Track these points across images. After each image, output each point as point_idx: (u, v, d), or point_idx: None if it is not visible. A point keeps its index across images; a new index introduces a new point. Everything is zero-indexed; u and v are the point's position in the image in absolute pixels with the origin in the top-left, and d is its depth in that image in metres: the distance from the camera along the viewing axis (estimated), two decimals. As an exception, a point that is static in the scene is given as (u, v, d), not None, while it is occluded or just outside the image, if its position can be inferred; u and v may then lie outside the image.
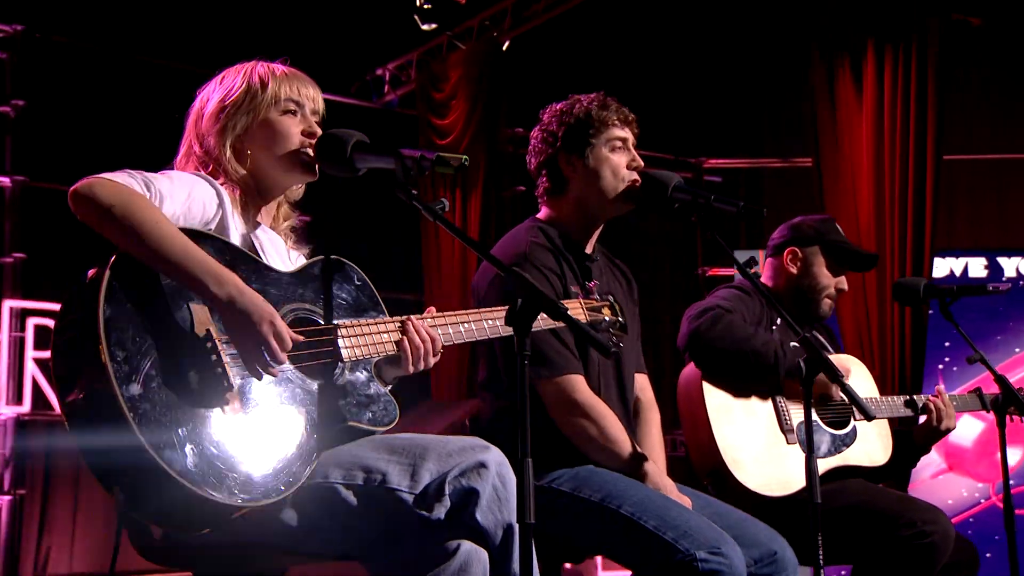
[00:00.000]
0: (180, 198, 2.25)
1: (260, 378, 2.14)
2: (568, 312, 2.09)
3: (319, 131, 2.45)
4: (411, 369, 2.43)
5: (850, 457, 3.57)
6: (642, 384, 3.26)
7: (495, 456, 2.23)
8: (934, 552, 3.28)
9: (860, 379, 3.74)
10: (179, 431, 2.00)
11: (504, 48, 7.18)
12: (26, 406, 6.57)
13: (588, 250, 3.14)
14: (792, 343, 3.67)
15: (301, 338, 2.19)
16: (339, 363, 2.29)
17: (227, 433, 2.08)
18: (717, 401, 3.42)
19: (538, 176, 3.17)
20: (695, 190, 2.98)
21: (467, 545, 2.19)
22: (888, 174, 5.69)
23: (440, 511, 2.17)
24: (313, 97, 2.51)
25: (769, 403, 3.50)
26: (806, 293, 3.74)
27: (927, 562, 3.28)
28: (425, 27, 7.14)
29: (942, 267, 7.13)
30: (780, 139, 8.50)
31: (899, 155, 5.66)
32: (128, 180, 2.17)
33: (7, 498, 6.47)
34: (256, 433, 2.11)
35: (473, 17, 7.22)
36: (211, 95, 2.48)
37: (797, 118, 6.79)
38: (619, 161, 3.07)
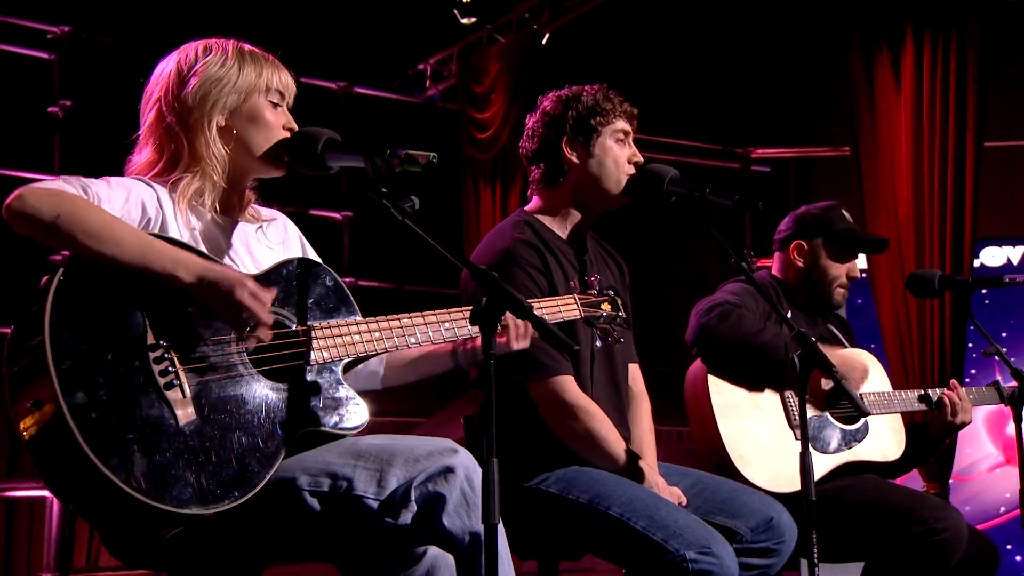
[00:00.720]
0: (118, 201, 2.18)
1: (250, 340, 2.12)
2: (532, 310, 2.05)
3: (296, 127, 2.35)
4: (515, 344, 2.52)
5: (861, 452, 3.47)
6: (634, 374, 3.18)
7: (463, 460, 2.16)
8: (946, 549, 3.17)
9: (872, 374, 3.61)
10: (127, 439, 1.96)
11: (544, 41, 7.06)
12: None
13: (581, 240, 3.05)
14: (788, 315, 3.57)
15: (274, 291, 2.16)
16: (307, 365, 2.24)
17: (178, 441, 2.03)
18: (723, 397, 3.33)
19: (534, 163, 3.07)
20: (691, 184, 2.88)
21: (433, 550, 2.18)
22: (927, 163, 5.48)
23: (406, 517, 2.12)
24: (292, 90, 2.41)
25: (777, 398, 3.41)
26: (816, 285, 3.63)
27: (939, 560, 3.18)
28: (465, 21, 7.08)
29: (999, 256, 6.90)
30: (830, 128, 8.30)
31: (938, 143, 5.45)
32: (62, 186, 2.10)
33: (55, 491, 6.50)
34: (210, 440, 2.06)
35: (512, 11, 7.13)
36: (195, 65, 2.32)
37: (846, 106, 6.61)
38: (622, 153, 3.00)
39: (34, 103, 6.67)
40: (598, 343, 2.87)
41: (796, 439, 3.35)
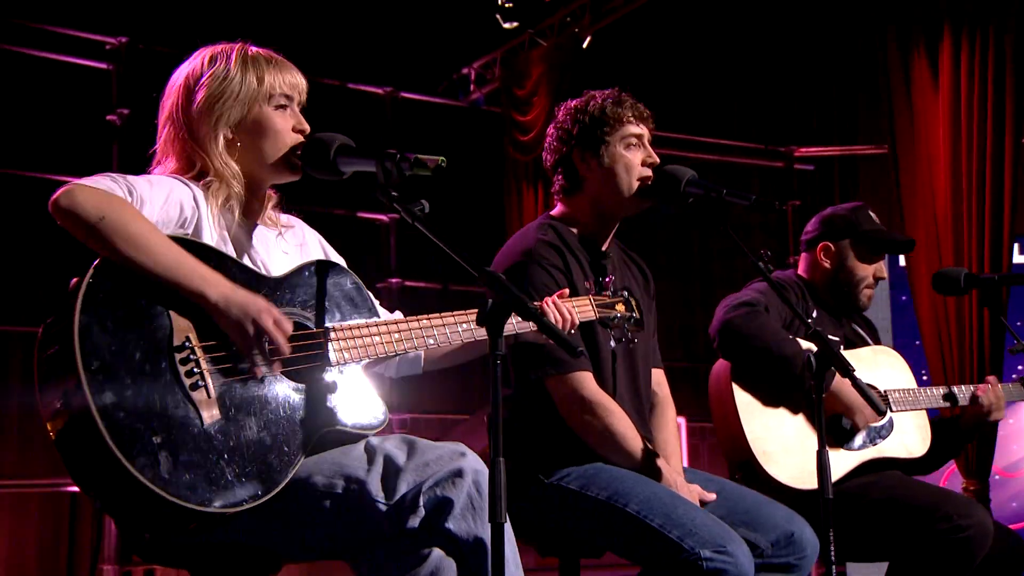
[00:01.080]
0: (159, 202, 2.19)
1: (263, 374, 2.14)
2: (537, 311, 2.06)
3: (307, 127, 2.36)
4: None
5: (885, 449, 3.46)
6: (658, 379, 3.19)
7: (471, 463, 2.18)
8: (971, 546, 3.14)
9: (896, 371, 3.62)
10: (153, 439, 1.98)
11: (585, 44, 7.08)
12: None
13: (603, 247, 3.07)
14: (829, 337, 3.55)
15: (290, 329, 2.16)
16: (327, 367, 2.25)
17: (203, 440, 2.05)
18: (746, 394, 3.35)
19: (554, 174, 3.09)
20: (708, 184, 2.90)
21: (437, 553, 2.16)
22: (965, 160, 5.41)
23: (414, 521, 2.13)
24: (301, 87, 2.40)
25: (801, 395, 3.39)
26: (843, 286, 3.63)
27: (964, 557, 3.15)
28: (507, 26, 7.11)
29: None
30: (874, 125, 8.22)
31: (976, 141, 5.37)
32: (111, 186, 2.11)
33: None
34: (234, 440, 2.08)
35: (554, 15, 7.15)
36: (201, 79, 2.33)
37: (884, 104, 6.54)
38: (634, 158, 2.99)
39: (93, 112, 6.78)
40: (612, 343, 2.87)
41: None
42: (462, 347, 2.60)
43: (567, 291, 2.66)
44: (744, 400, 3.32)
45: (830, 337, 3.55)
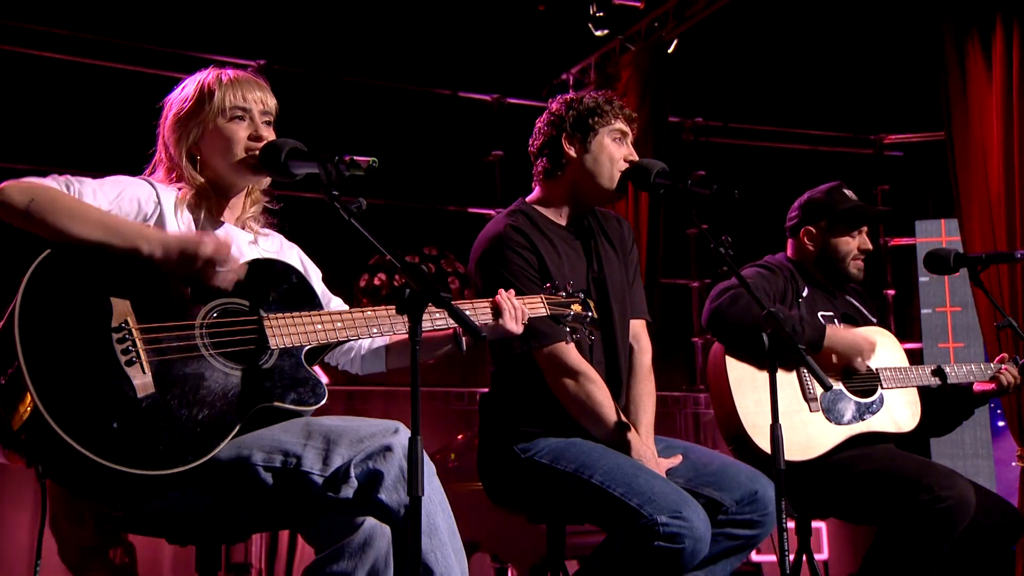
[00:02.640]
0: (107, 197, 2.28)
1: (229, 282, 2.19)
2: (450, 300, 2.06)
3: (266, 134, 2.44)
4: (509, 323, 2.61)
5: (874, 424, 3.48)
6: (636, 331, 3.19)
7: (402, 440, 2.20)
8: (951, 516, 3.14)
9: (889, 350, 3.64)
10: (87, 411, 2.03)
11: (672, 47, 7.11)
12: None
13: (576, 227, 3.11)
14: (821, 313, 3.60)
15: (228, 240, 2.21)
16: (267, 350, 2.28)
17: (136, 411, 2.08)
18: (739, 372, 3.42)
19: (538, 157, 3.12)
20: (675, 176, 2.94)
21: (371, 521, 2.18)
22: (1018, 145, 5.29)
23: (348, 491, 2.16)
24: (260, 99, 2.47)
25: (793, 373, 3.46)
26: (831, 264, 3.66)
27: (945, 526, 3.15)
28: (598, 33, 7.21)
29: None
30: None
31: (1030, 126, 5.25)
32: (48, 182, 2.20)
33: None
34: (167, 411, 2.11)
35: (640, 20, 7.23)
36: (173, 104, 2.48)
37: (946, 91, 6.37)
38: (618, 151, 3.03)
39: None
40: (568, 340, 2.86)
41: (811, 411, 3.42)
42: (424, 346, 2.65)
43: (513, 292, 2.68)
44: (736, 378, 3.40)
45: (821, 313, 3.61)
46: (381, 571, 2.16)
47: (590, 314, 2.81)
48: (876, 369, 3.53)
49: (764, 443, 3.26)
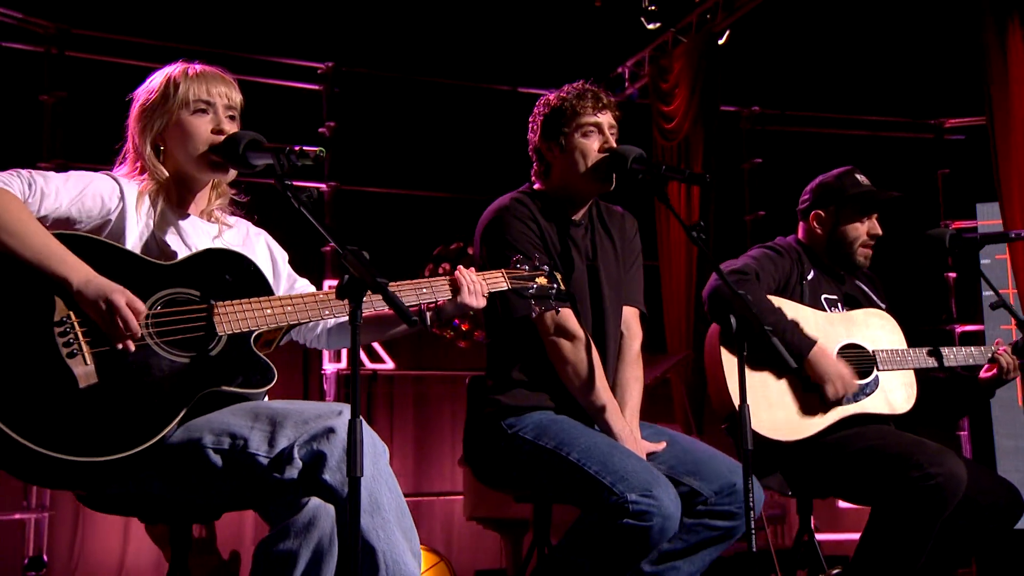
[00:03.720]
0: (69, 195, 2.27)
1: (120, 348, 2.14)
2: (386, 286, 2.05)
3: (228, 128, 2.41)
4: (467, 297, 2.56)
5: (868, 406, 3.34)
6: (627, 317, 3.13)
7: (345, 421, 2.10)
8: (942, 493, 3.01)
9: (887, 332, 3.49)
10: (28, 403, 2.02)
11: (724, 39, 6.94)
12: (343, 362, 7.08)
13: (575, 217, 3.07)
14: (825, 296, 3.48)
15: (144, 308, 2.17)
16: (215, 336, 2.26)
17: (78, 401, 2.07)
18: (733, 354, 3.28)
19: (532, 160, 3.12)
20: (649, 162, 2.89)
21: (315, 501, 2.15)
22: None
23: (292, 472, 2.12)
24: (225, 94, 2.44)
25: None
26: (839, 248, 3.52)
27: (936, 503, 3.02)
28: (650, 27, 7.08)
29: None
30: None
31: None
32: (9, 179, 2.19)
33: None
34: (109, 400, 2.10)
35: (691, 13, 7.07)
36: (139, 96, 2.45)
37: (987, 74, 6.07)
38: (589, 145, 2.97)
39: (307, 125, 7.25)
40: (533, 313, 2.81)
41: (804, 391, 3.28)
42: (375, 325, 2.67)
43: (473, 269, 2.66)
44: (730, 358, 3.29)
45: (825, 296, 3.48)
46: (326, 549, 2.13)
47: (556, 286, 2.74)
48: (873, 351, 3.39)
49: (756, 424, 3.15)
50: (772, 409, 3.26)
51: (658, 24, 7.08)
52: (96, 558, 6.55)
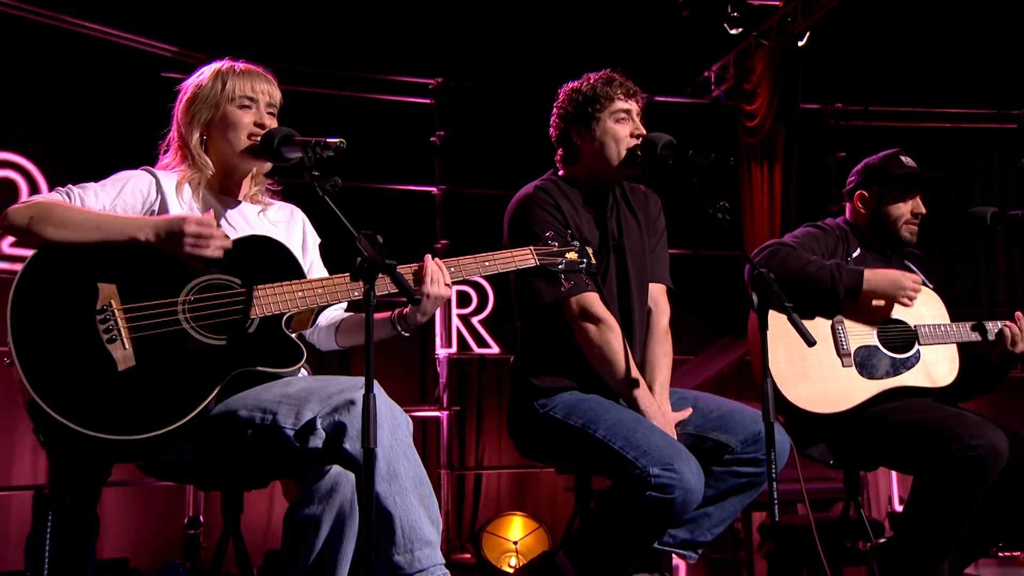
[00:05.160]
0: (109, 196, 2.29)
1: (217, 261, 2.17)
2: (394, 268, 2.02)
3: (269, 122, 2.42)
4: (428, 287, 2.37)
5: (908, 379, 3.27)
6: (655, 294, 3.07)
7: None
8: (982, 464, 2.92)
9: (931, 307, 3.41)
10: (71, 388, 2.05)
11: (804, 40, 6.87)
12: (454, 348, 7.20)
13: (601, 199, 3.02)
14: (852, 255, 3.42)
15: (210, 218, 2.18)
16: (248, 319, 2.24)
17: (117, 383, 2.08)
18: (774, 327, 3.21)
19: (557, 147, 3.06)
20: (679, 147, 2.84)
21: (336, 469, 2.14)
22: None
23: (316, 442, 2.11)
24: (267, 91, 2.45)
25: (827, 328, 3.31)
26: (884, 227, 3.47)
27: (977, 474, 2.93)
28: (733, 31, 7.06)
29: None
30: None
31: None
32: (50, 195, 2.24)
33: (446, 412, 7.09)
34: (146, 381, 2.11)
35: (771, 17, 7.02)
36: (188, 88, 2.46)
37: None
38: (621, 130, 2.92)
39: (420, 135, 7.49)
40: (562, 288, 2.78)
41: (843, 367, 3.25)
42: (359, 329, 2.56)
43: (439, 260, 2.50)
44: (771, 334, 3.12)
45: (850, 266, 3.41)
46: (347, 514, 2.13)
47: (587, 261, 2.65)
48: (915, 326, 3.34)
49: (792, 395, 3.21)
50: (810, 382, 3.23)
51: (740, 29, 7.04)
52: (247, 519, 6.90)
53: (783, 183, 6.76)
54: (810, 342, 2.56)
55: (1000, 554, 6.21)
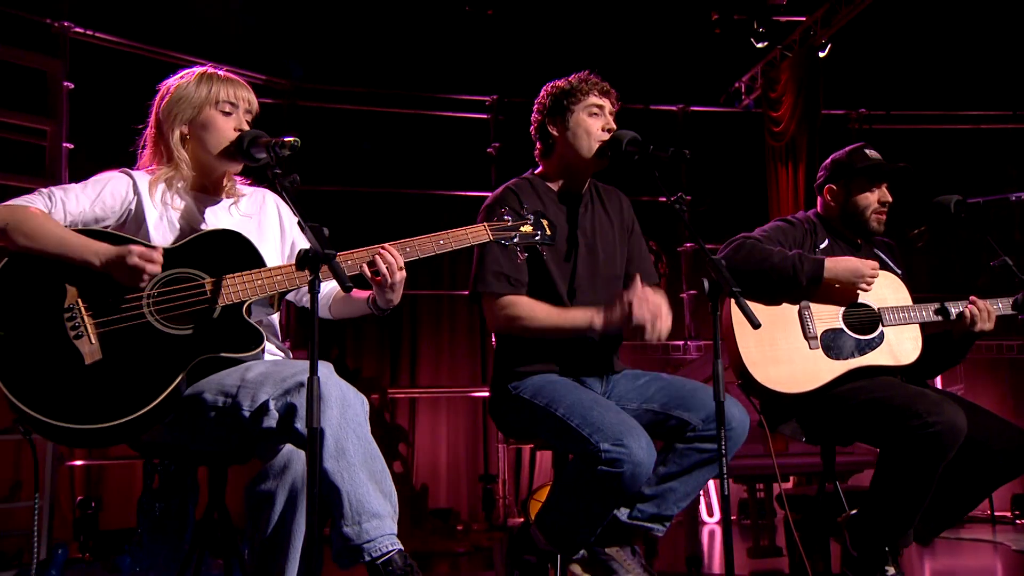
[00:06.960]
0: (89, 197, 2.25)
1: (144, 283, 2.12)
2: (333, 258, 1.96)
3: (246, 128, 2.35)
4: (383, 270, 2.28)
5: (872, 359, 3.25)
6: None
7: (316, 377, 1.98)
8: (940, 440, 2.89)
9: (894, 291, 3.39)
10: (41, 381, 2.03)
11: (826, 51, 6.86)
12: None
13: (574, 194, 2.95)
14: (820, 246, 3.42)
15: (160, 249, 2.15)
16: (212, 307, 2.20)
17: (84, 376, 2.06)
18: (741, 315, 3.17)
19: (535, 141, 3.00)
20: (641, 144, 2.79)
21: (288, 447, 2.12)
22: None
23: (270, 422, 2.08)
24: (246, 98, 2.39)
25: (795, 315, 3.30)
26: (854, 218, 3.42)
27: (935, 450, 2.90)
28: (759, 45, 7.09)
29: None
30: None
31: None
32: (32, 198, 2.20)
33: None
34: (112, 372, 2.08)
35: (794, 31, 7.03)
36: (170, 88, 2.38)
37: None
38: (593, 124, 2.86)
39: (478, 146, 7.72)
40: (518, 259, 2.65)
41: (810, 349, 3.25)
42: (347, 302, 2.54)
43: (394, 248, 2.37)
44: (739, 320, 3.24)
45: (818, 255, 3.39)
46: (299, 489, 2.11)
47: (541, 232, 2.54)
48: (879, 308, 3.32)
49: (763, 377, 3.20)
50: (779, 365, 3.22)
51: (766, 43, 7.07)
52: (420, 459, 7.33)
53: (806, 187, 6.77)
54: (755, 324, 2.53)
55: (1018, 521, 6.08)
